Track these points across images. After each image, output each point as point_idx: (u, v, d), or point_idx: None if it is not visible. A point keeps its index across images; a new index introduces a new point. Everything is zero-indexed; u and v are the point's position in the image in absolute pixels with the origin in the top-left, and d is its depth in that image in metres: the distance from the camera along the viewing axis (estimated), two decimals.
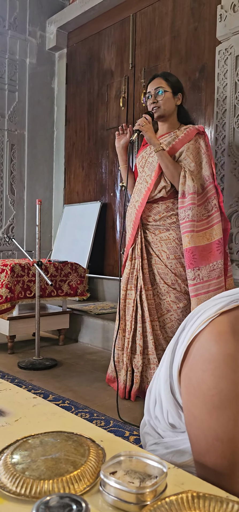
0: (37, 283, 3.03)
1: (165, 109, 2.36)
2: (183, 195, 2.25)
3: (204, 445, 0.87)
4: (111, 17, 4.30)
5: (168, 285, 2.36)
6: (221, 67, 2.67)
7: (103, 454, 0.80)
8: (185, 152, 2.30)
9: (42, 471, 0.72)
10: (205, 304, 0.98)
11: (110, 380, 2.55)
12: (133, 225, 2.43)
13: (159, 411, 1.05)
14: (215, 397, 0.86)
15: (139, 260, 2.39)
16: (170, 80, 2.38)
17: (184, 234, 2.25)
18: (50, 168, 5.04)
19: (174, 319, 2.37)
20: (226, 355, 0.85)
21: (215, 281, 2.23)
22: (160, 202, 2.37)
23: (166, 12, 3.78)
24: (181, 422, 0.99)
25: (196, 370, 0.89)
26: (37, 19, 4.76)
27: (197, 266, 2.21)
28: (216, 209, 2.29)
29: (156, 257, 2.39)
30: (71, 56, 4.84)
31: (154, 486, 0.67)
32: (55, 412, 1.05)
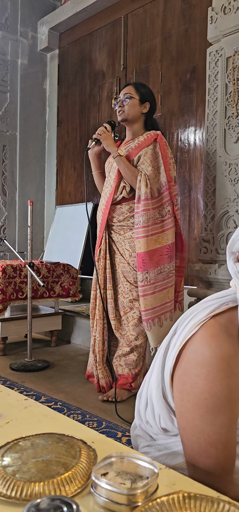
0: (29, 284, 3.02)
1: (129, 113, 2.49)
2: (138, 200, 2.39)
3: (197, 450, 0.87)
4: (103, 18, 4.30)
5: (130, 283, 2.48)
6: (212, 69, 2.68)
7: (95, 456, 0.80)
8: (143, 156, 2.42)
9: (33, 474, 0.72)
10: (195, 307, 0.98)
11: (90, 376, 2.66)
12: (100, 227, 2.57)
13: (150, 415, 1.04)
14: (208, 401, 0.85)
15: (103, 260, 2.53)
16: (139, 89, 2.51)
17: (136, 239, 2.40)
18: (42, 169, 5.03)
19: (137, 317, 2.46)
20: (219, 359, 0.85)
21: (160, 283, 2.40)
22: (123, 203, 2.49)
23: (157, 14, 3.79)
24: (174, 426, 0.98)
25: (189, 375, 0.88)
26: (28, 20, 4.75)
27: (145, 270, 2.37)
28: (169, 215, 2.43)
29: (120, 256, 2.52)
30: (63, 57, 4.84)
31: (145, 487, 0.67)
32: (46, 414, 1.05)
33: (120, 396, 2.39)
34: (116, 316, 2.50)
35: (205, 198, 2.79)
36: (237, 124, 2.56)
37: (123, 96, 2.51)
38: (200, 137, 3.48)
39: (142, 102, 2.50)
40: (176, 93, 3.65)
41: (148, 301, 2.38)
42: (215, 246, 2.69)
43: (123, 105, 2.50)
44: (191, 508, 0.66)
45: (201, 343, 0.88)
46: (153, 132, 2.47)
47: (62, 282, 3.50)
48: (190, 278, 3.41)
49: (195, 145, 3.53)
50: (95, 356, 2.51)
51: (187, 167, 3.59)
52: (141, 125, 2.54)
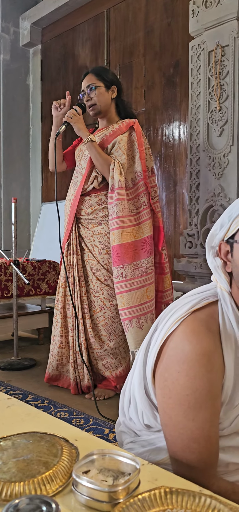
0: (14, 282, 2.99)
1: (100, 105, 2.37)
2: (112, 189, 2.26)
3: (180, 445, 0.87)
4: (85, 13, 4.26)
5: (100, 281, 2.35)
6: (194, 63, 2.68)
7: (77, 454, 0.79)
8: (117, 144, 2.30)
9: (13, 473, 0.71)
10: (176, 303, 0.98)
11: (51, 378, 2.50)
12: (68, 219, 2.43)
13: (133, 412, 1.03)
14: (190, 397, 0.85)
15: (75, 255, 2.38)
16: (101, 75, 2.37)
17: (111, 231, 2.25)
18: (27, 166, 4.98)
19: (108, 317, 2.35)
20: (200, 355, 0.84)
21: (138, 279, 2.23)
22: (92, 195, 2.36)
23: (139, 8, 3.77)
24: (157, 422, 0.98)
25: (170, 371, 0.88)
26: (10, 15, 4.68)
27: (121, 264, 2.21)
28: (145, 207, 2.29)
29: (88, 253, 2.38)
30: (46, 52, 4.79)
31: (127, 484, 0.67)
32: (29, 413, 1.04)
33: (106, 394, 2.37)
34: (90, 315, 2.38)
35: (189, 193, 2.79)
36: (220, 118, 2.57)
37: (86, 88, 2.37)
38: (184, 131, 3.49)
39: (108, 88, 2.38)
40: (160, 87, 3.65)
41: (124, 299, 2.22)
42: (199, 241, 2.70)
43: (90, 98, 2.36)
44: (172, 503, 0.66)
45: (181, 339, 0.88)
46: (129, 120, 2.36)
47: (49, 280, 3.48)
48: (176, 273, 3.42)
49: (180, 139, 3.53)
50: (75, 357, 2.39)
51: (171, 162, 3.59)
52: (114, 112, 2.43)
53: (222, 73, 2.54)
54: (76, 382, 2.41)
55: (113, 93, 2.40)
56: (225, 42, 2.51)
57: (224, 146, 2.57)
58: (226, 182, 2.57)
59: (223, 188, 2.58)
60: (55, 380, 2.50)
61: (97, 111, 2.39)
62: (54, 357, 2.47)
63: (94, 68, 2.47)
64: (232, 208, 0.94)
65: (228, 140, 2.55)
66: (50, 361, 2.50)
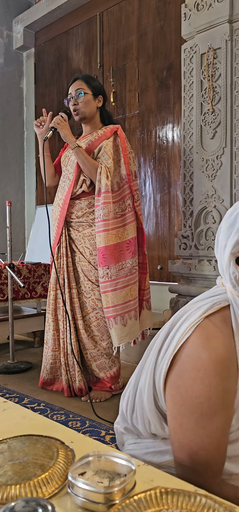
0: (10, 285, 2.99)
1: (85, 111, 2.43)
2: (99, 193, 2.33)
3: (188, 452, 0.86)
4: (78, 16, 4.28)
5: (92, 282, 2.40)
6: (187, 66, 2.70)
7: (73, 456, 0.80)
8: (103, 148, 2.37)
9: (9, 476, 0.71)
10: (186, 308, 0.95)
11: (46, 383, 2.51)
12: (57, 223, 2.48)
13: (139, 421, 1.01)
14: (203, 405, 0.83)
15: (64, 258, 2.42)
16: (90, 83, 2.45)
17: (97, 233, 2.33)
18: (21, 169, 4.98)
19: (100, 317, 2.39)
20: (215, 362, 0.83)
21: (122, 279, 2.32)
22: (82, 198, 2.42)
23: (132, 11, 3.79)
24: (164, 432, 0.96)
25: (184, 378, 0.86)
26: (3, 19, 4.68)
27: (106, 265, 2.29)
28: (130, 209, 2.38)
29: (79, 254, 2.43)
30: (39, 56, 4.79)
31: (122, 485, 0.68)
32: (25, 416, 1.04)
33: (103, 396, 2.37)
34: (82, 316, 2.40)
35: (183, 195, 2.81)
36: (213, 120, 2.59)
37: (74, 92, 2.43)
38: (177, 133, 3.50)
39: (95, 96, 2.45)
40: (153, 90, 3.66)
41: (109, 298, 2.29)
42: (194, 242, 2.71)
43: (77, 103, 2.43)
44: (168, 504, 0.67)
45: (196, 346, 0.86)
46: (113, 126, 2.44)
47: (44, 282, 3.48)
48: (171, 274, 3.44)
49: (173, 142, 3.55)
50: (66, 359, 2.40)
51: (165, 164, 3.61)
52: (98, 119, 2.50)
53: (215, 75, 2.56)
54: (69, 384, 2.41)
55: (99, 102, 2.48)
56: (217, 45, 2.53)
57: (217, 148, 2.58)
58: (219, 184, 2.59)
59: (217, 190, 2.60)
60: (50, 384, 2.50)
61: (82, 116, 2.45)
62: (48, 360, 2.48)
63: (83, 75, 2.54)
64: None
65: (221, 142, 2.57)
66: (44, 365, 2.51)
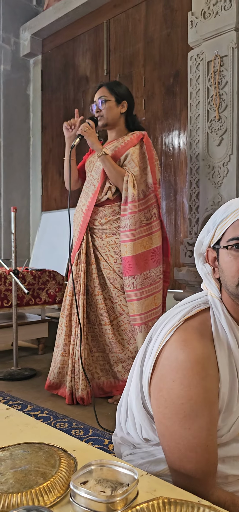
0: (14, 292, 2.99)
1: (108, 117, 2.45)
2: (125, 202, 2.32)
3: (177, 455, 0.86)
4: (86, 23, 4.30)
5: (117, 289, 2.41)
6: (193, 73, 2.70)
7: (75, 464, 0.79)
8: (130, 156, 2.36)
9: (11, 484, 0.71)
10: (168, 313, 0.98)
11: (52, 386, 2.49)
12: (79, 229, 2.46)
13: (131, 426, 1.02)
14: (185, 405, 0.84)
15: (83, 265, 2.41)
16: (113, 89, 2.46)
17: (122, 243, 2.33)
18: (27, 175, 5.00)
19: (127, 322, 2.42)
20: (194, 362, 0.84)
21: (147, 288, 2.34)
22: (106, 206, 2.41)
23: (139, 19, 3.81)
24: (155, 435, 0.97)
25: (165, 381, 0.88)
26: (10, 26, 4.72)
27: (132, 275, 2.31)
28: (155, 218, 2.38)
29: (104, 262, 2.43)
30: (46, 63, 4.82)
31: (124, 494, 0.66)
32: (28, 423, 1.03)
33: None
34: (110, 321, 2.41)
35: (189, 202, 2.80)
36: (219, 127, 2.58)
37: (98, 99, 2.47)
38: (184, 140, 3.50)
39: (118, 103, 2.45)
40: (160, 97, 3.67)
41: (134, 307, 2.32)
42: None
43: (100, 110, 2.45)
44: None
45: (174, 348, 0.88)
46: (139, 132, 2.42)
47: (48, 289, 3.47)
48: (176, 282, 3.42)
49: (179, 148, 3.55)
50: (73, 366, 2.39)
51: (172, 171, 3.60)
52: (123, 125, 2.50)
53: (221, 83, 2.55)
54: (72, 391, 2.39)
55: (123, 108, 2.47)
56: (223, 52, 2.53)
57: (224, 155, 2.58)
58: (225, 191, 2.58)
59: (223, 197, 2.59)
60: (56, 388, 2.49)
61: (104, 122, 2.46)
62: (56, 364, 2.48)
63: (108, 82, 2.58)
64: (216, 214, 0.95)
65: (227, 149, 2.56)
66: (52, 369, 2.50)
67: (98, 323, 2.43)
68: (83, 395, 2.35)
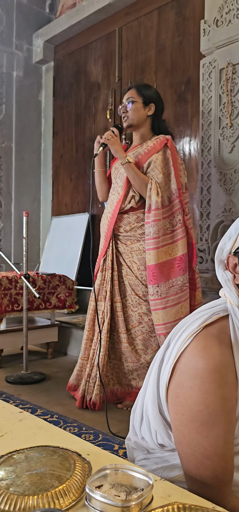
0: (25, 296, 3.01)
1: (133, 118, 2.41)
2: (149, 209, 2.29)
3: (193, 462, 0.86)
4: (98, 31, 4.34)
5: (139, 296, 2.38)
6: (205, 80, 2.71)
7: (89, 468, 0.79)
8: (153, 163, 2.33)
9: (27, 487, 0.71)
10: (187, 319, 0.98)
11: (71, 388, 2.54)
12: (105, 236, 2.46)
13: (146, 431, 1.02)
14: (203, 413, 0.84)
15: (109, 271, 2.40)
16: (142, 91, 2.43)
17: (147, 251, 2.29)
18: (38, 180, 5.04)
19: (146, 331, 2.38)
20: (212, 370, 0.84)
21: (173, 297, 2.28)
22: (131, 213, 2.40)
23: (151, 26, 3.83)
24: (171, 442, 0.97)
25: (183, 387, 0.88)
26: (23, 33, 4.79)
27: (156, 283, 2.26)
28: (180, 225, 2.32)
29: (127, 268, 2.41)
30: (58, 69, 4.87)
31: (140, 499, 0.67)
32: (41, 427, 1.04)
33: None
34: (127, 329, 2.39)
35: (200, 208, 2.80)
36: (231, 134, 2.59)
37: (126, 101, 2.44)
38: (195, 147, 3.50)
39: (146, 105, 2.42)
40: (171, 104, 3.68)
41: (159, 316, 2.27)
42: (210, 256, 2.69)
43: (126, 111, 2.43)
44: None
45: (193, 355, 0.87)
46: (163, 137, 2.37)
47: (58, 294, 3.49)
48: None
49: (190, 155, 3.55)
50: (90, 370, 2.40)
51: None
52: (148, 128, 2.45)
53: (233, 90, 2.56)
54: (84, 395, 2.40)
55: (150, 110, 2.43)
56: (236, 60, 2.54)
57: (235, 162, 2.58)
58: (237, 198, 2.58)
59: (234, 204, 2.58)
60: (74, 390, 2.52)
61: (128, 124, 2.44)
62: (76, 367, 2.52)
63: (137, 84, 2.56)
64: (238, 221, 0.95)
65: None
66: (74, 370, 2.54)
67: (116, 331, 2.42)
68: (96, 400, 2.35)
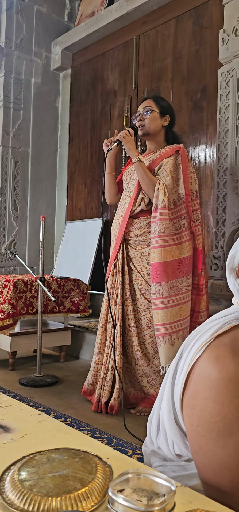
0: (40, 299, 3.03)
1: (150, 127, 2.46)
2: (156, 209, 2.32)
3: (211, 473, 0.86)
4: (115, 39, 4.38)
5: (148, 300, 2.40)
6: (223, 89, 2.72)
7: (111, 472, 0.80)
8: (163, 166, 2.38)
9: (50, 488, 0.72)
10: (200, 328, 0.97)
11: (86, 392, 2.55)
12: (116, 240, 2.49)
13: (163, 441, 1.02)
14: (219, 423, 0.84)
15: (120, 275, 2.43)
16: (159, 102, 2.50)
17: (151, 249, 2.32)
18: (53, 185, 5.08)
19: (154, 335, 2.38)
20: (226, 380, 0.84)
21: (173, 298, 2.29)
22: (141, 217, 2.43)
23: (168, 35, 3.85)
24: (188, 451, 0.96)
25: (198, 398, 0.87)
26: (43, 41, 4.86)
27: (159, 282, 2.27)
28: (184, 229, 2.36)
29: (136, 273, 2.43)
30: (76, 76, 4.92)
31: (163, 504, 0.67)
32: (60, 429, 1.05)
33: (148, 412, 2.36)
34: (134, 333, 2.42)
35: (215, 216, 2.80)
36: None
37: (142, 109, 2.49)
38: (210, 154, 3.50)
39: (162, 115, 2.48)
40: (187, 111, 3.69)
41: (159, 315, 2.29)
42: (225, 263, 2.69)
43: (143, 119, 2.47)
44: None
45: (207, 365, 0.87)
46: (176, 145, 2.44)
47: (72, 297, 3.51)
48: None
49: (205, 162, 3.55)
50: (105, 374, 2.42)
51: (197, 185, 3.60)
52: (162, 138, 2.51)
53: None
54: (99, 399, 2.42)
55: (165, 121, 2.50)
56: None
57: None
58: None
59: None
60: (90, 395, 2.54)
61: (145, 132, 2.48)
62: (90, 371, 2.54)
63: (154, 95, 2.64)
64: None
65: None
66: (88, 375, 2.57)
67: (127, 334, 2.45)
68: (115, 404, 2.36)
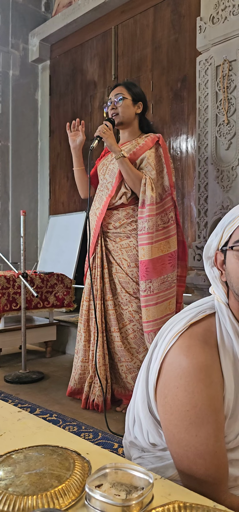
0: (23, 295, 3.00)
1: (124, 116, 2.39)
2: (143, 204, 2.27)
3: (186, 462, 0.85)
4: (94, 29, 4.33)
5: (129, 294, 2.35)
6: (202, 77, 2.71)
7: (89, 467, 0.79)
8: (146, 159, 2.31)
9: (26, 487, 0.71)
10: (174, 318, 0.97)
11: (74, 392, 2.48)
12: (93, 233, 2.40)
13: (138, 431, 1.02)
14: (190, 412, 0.83)
15: (99, 269, 2.37)
16: (131, 89, 2.41)
17: (140, 246, 2.27)
18: (35, 179, 5.03)
19: (137, 329, 2.34)
20: (197, 369, 0.84)
21: (163, 293, 2.29)
22: (120, 209, 2.37)
23: (147, 24, 3.82)
24: (162, 441, 0.97)
25: (169, 387, 0.87)
26: (19, 32, 4.77)
27: (149, 279, 2.24)
28: (172, 222, 2.33)
29: (116, 266, 2.37)
30: (55, 68, 4.86)
31: (140, 498, 0.66)
32: (40, 426, 1.04)
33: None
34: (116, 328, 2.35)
35: (197, 206, 2.80)
36: (228, 131, 2.59)
37: (114, 96, 2.40)
38: (192, 144, 3.50)
39: (135, 102, 2.40)
40: (167, 101, 3.68)
41: (150, 312, 2.24)
42: None
43: (115, 107, 2.39)
44: None
45: (178, 354, 0.87)
46: (153, 135, 2.38)
47: (57, 292, 3.48)
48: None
49: (187, 152, 3.55)
50: (93, 371, 2.35)
51: (179, 175, 3.61)
52: (136, 126, 2.45)
53: (230, 87, 2.56)
54: (88, 396, 2.37)
55: (138, 108, 2.42)
56: (232, 57, 2.54)
57: (232, 159, 2.58)
58: (234, 195, 2.58)
59: (232, 201, 2.58)
60: (78, 394, 2.47)
61: (119, 121, 2.40)
62: (77, 371, 2.45)
63: (125, 82, 2.55)
64: (225, 217, 0.95)
65: (236, 153, 2.56)
66: (73, 375, 2.48)
67: (108, 330, 2.38)
68: (99, 402, 2.31)
